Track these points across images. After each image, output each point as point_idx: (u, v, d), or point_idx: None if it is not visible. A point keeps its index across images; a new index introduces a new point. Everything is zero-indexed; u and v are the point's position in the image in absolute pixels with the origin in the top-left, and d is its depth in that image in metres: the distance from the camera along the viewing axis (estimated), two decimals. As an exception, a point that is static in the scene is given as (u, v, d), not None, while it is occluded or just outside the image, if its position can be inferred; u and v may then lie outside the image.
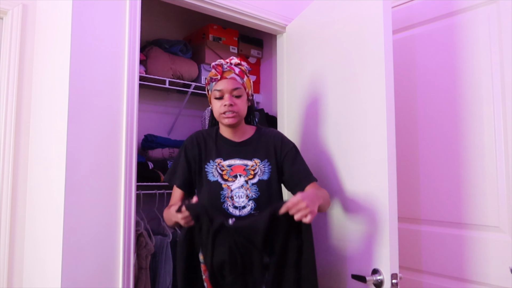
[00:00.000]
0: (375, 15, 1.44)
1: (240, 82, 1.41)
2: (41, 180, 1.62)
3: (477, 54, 1.64)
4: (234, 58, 1.46)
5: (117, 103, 1.56)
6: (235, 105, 1.39)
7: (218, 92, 1.40)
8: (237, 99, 1.41)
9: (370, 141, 1.43)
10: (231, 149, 1.46)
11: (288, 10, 2.15)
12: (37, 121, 1.69)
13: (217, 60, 1.46)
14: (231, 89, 1.40)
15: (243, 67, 1.45)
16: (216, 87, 1.41)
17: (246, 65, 1.47)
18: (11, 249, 1.66)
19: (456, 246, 1.66)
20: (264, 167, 1.44)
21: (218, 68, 1.41)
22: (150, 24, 2.42)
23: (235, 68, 1.43)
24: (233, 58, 1.46)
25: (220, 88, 1.40)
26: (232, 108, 1.39)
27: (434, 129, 1.77)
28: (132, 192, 1.55)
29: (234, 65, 1.43)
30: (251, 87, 1.49)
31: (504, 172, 1.54)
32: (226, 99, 1.39)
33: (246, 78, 1.45)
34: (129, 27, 1.59)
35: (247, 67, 1.48)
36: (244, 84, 1.43)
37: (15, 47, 1.71)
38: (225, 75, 1.41)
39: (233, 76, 1.40)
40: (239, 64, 1.44)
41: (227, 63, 1.43)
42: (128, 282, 1.51)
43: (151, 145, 2.29)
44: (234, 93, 1.40)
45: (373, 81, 1.43)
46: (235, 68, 1.43)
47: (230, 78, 1.40)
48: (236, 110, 1.39)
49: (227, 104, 1.38)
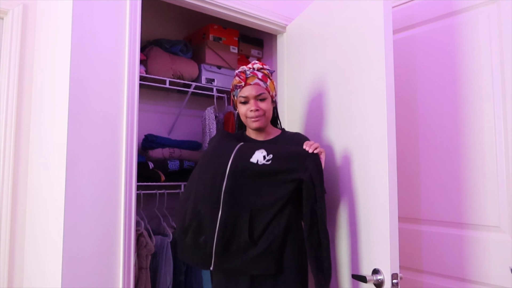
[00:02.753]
0: (375, 15, 1.44)
1: (264, 86, 1.47)
2: (41, 180, 1.62)
3: (477, 54, 1.64)
4: (256, 63, 1.50)
5: (117, 103, 1.56)
6: (261, 109, 1.47)
7: (244, 98, 1.48)
8: (261, 103, 1.47)
9: (371, 141, 1.43)
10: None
11: (288, 10, 2.15)
12: (38, 121, 1.69)
13: (240, 67, 1.51)
14: (255, 94, 1.46)
15: (265, 70, 1.50)
16: (242, 94, 1.48)
17: (268, 68, 1.52)
18: (12, 249, 1.66)
19: (456, 246, 1.66)
20: None
21: (242, 75, 1.47)
22: (150, 24, 2.42)
23: (258, 73, 1.48)
24: (256, 63, 1.50)
25: (245, 94, 1.47)
26: (257, 112, 1.47)
27: (435, 129, 1.77)
28: (132, 192, 1.55)
29: (256, 70, 1.48)
30: (275, 89, 1.54)
31: (504, 172, 1.54)
32: (252, 104, 1.47)
33: (269, 81, 1.50)
34: (129, 27, 1.59)
35: (270, 70, 1.52)
36: (268, 88, 1.48)
37: (15, 47, 1.71)
38: (249, 81, 1.47)
39: (256, 82, 1.46)
40: (261, 69, 1.50)
41: (250, 69, 1.48)
42: (128, 282, 1.51)
43: (152, 145, 2.29)
44: (259, 97, 1.47)
45: (374, 81, 1.43)
46: (257, 73, 1.48)
47: (254, 84, 1.46)
48: (262, 113, 1.47)
49: (253, 109, 1.46)
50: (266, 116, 1.49)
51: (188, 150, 2.38)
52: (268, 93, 1.49)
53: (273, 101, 1.54)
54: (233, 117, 2.32)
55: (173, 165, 2.24)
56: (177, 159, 2.28)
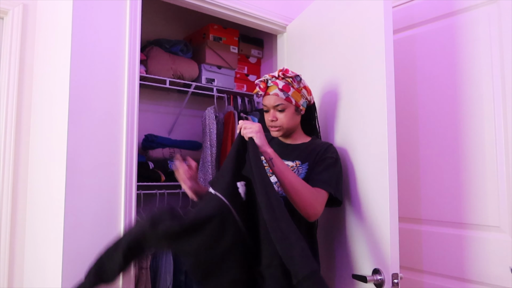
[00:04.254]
0: (375, 15, 1.44)
1: (283, 97, 1.43)
2: (41, 180, 1.62)
3: (477, 53, 1.64)
4: (281, 71, 1.44)
5: (118, 103, 1.56)
6: (278, 119, 1.46)
7: (265, 107, 1.48)
8: (280, 114, 1.45)
9: (371, 141, 1.43)
10: (280, 150, 1.49)
11: (288, 10, 2.15)
12: (38, 121, 1.69)
13: (263, 76, 1.48)
14: (273, 105, 1.45)
15: (289, 78, 1.44)
16: (263, 102, 1.49)
17: (293, 75, 1.45)
18: (12, 249, 1.66)
19: (456, 246, 1.66)
20: (302, 168, 1.45)
21: (262, 85, 1.46)
22: (150, 24, 2.42)
23: (279, 82, 1.43)
24: (281, 71, 1.44)
25: (265, 104, 1.48)
26: (275, 123, 1.46)
27: (435, 129, 1.77)
28: (132, 192, 1.55)
29: (279, 79, 1.44)
30: (303, 96, 1.47)
31: (504, 171, 1.54)
32: (270, 114, 1.47)
33: (293, 90, 1.44)
34: (129, 27, 1.59)
35: (296, 76, 1.45)
36: (290, 98, 1.43)
37: (15, 47, 1.71)
38: (269, 91, 1.45)
39: (275, 92, 1.43)
40: (285, 77, 1.44)
41: (272, 78, 1.45)
42: (129, 282, 1.51)
43: (152, 145, 2.29)
44: (277, 108, 1.45)
45: (374, 81, 1.43)
46: (279, 82, 1.43)
47: (273, 94, 1.44)
48: (280, 124, 1.46)
49: (270, 119, 1.47)
50: (285, 127, 1.47)
51: (188, 150, 2.38)
52: (290, 102, 1.44)
53: (299, 110, 1.48)
54: (233, 117, 2.32)
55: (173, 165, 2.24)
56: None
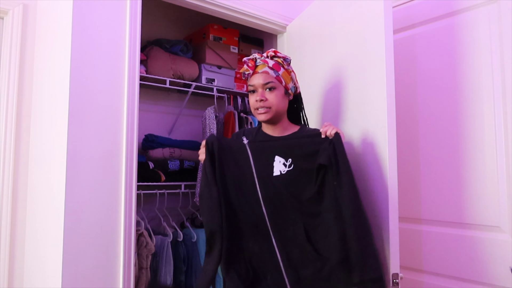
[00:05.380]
0: (376, 15, 1.43)
1: (274, 75, 1.35)
2: (41, 180, 1.62)
3: (477, 53, 1.64)
4: (270, 51, 1.39)
5: (118, 103, 1.56)
6: (267, 100, 1.34)
7: (251, 87, 1.37)
8: (270, 94, 1.35)
9: (371, 141, 1.43)
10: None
11: (288, 10, 2.15)
12: (38, 121, 1.69)
13: (252, 54, 1.41)
14: (262, 83, 1.35)
15: (279, 58, 1.37)
16: (249, 82, 1.38)
17: (284, 56, 1.39)
18: (12, 249, 1.66)
19: (456, 246, 1.66)
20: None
21: (250, 63, 1.37)
22: (150, 24, 2.42)
23: (269, 61, 1.36)
24: (269, 51, 1.39)
25: (253, 83, 1.37)
26: (264, 103, 1.34)
27: (435, 129, 1.77)
28: (132, 192, 1.55)
29: (269, 57, 1.37)
30: (293, 80, 1.40)
31: (504, 171, 1.54)
32: (258, 94, 1.35)
33: (283, 70, 1.37)
34: (129, 27, 1.59)
35: (286, 58, 1.39)
36: (280, 77, 1.35)
37: (15, 47, 1.71)
38: (258, 69, 1.36)
39: (265, 70, 1.35)
40: (274, 56, 1.38)
41: (261, 57, 1.38)
42: (129, 282, 1.51)
43: (152, 145, 2.29)
44: (266, 86, 1.35)
45: (374, 81, 1.43)
46: (269, 61, 1.36)
47: (262, 72, 1.35)
48: (268, 105, 1.34)
49: (258, 99, 1.34)
50: (275, 108, 1.35)
51: (188, 150, 2.38)
52: (280, 82, 1.35)
53: (288, 93, 1.39)
54: (233, 117, 2.32)
55: (173, 165, 2.24)
56: (177, 159, 2.28)
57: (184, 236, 2.11)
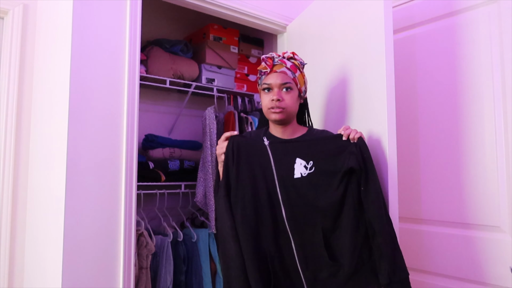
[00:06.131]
0: (376, 15, 1.44)
1: (291, 76, 1.34)
2: (41, 180, 1.62)
3: (477, 53, 1.64)
4: (287, 52, 1.38)
5: (118, 103, 1.56)
6: (283, 100, 1.33)
7: (267, 85, 1.35)
8: (286, 94, 1.33)
9: (371, 141, 1.43)
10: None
11: (288, 10, 2.15)
12: (38, 121, 1.69)
13: (269, 53, 1.40)
14: (280, 83, 1.33)
15: (296, 61, 1.37)
16: (265, 81, 1.36)
17: (300, 59, 1.40)
18: (12, 249, 1.66)
19: (457, 246, 1.66)
20: None
21: (269, 61, 1.35)
22: (150, 24, 2.42)
23: (287, 62, 1.36)
24: (287, 52, 1.38)
25: (269, 82, 1.34)
26: (280, 103, 1.33)
27: (435, 129, 1.77)
28: (132, 192, 1.55)
29: (286, 58, 1.37)
30: (305, 84, 1.41)
31: (504, 171, 1.54)
32: (274, 93, 1.33)
33: (299, 73, 1.37)
34: (129, 27, 1.59)
35: (302, 62, 1.40)
36: (296, 79, 1.35)
37: (15, 47, 1.71)
38: (275, 69, 1.34)
39: (283, 70, 1.34)
40: (292, 58, 1.37)
41: (279, 56, 1.37)
42: (129, 282, 1.51)
43: (152, 145, 2.29)
44: (284, 87, 1.33)
45: (374, 81, 1.43)
46: (287, 62, 1.35)
47: (280, 72, 1.34)
48: (284, 105, 1.33)
49: (275, 99, 1.32)
50: (289, 110, 1.34)
51: (188, 150, 2.38)
52: (296, 84, 1.35)
53: (301, 96, 1.40)
54: (233, 117, 2.32)
55: (174, 165, 2.24)
56: (178, 159, 2.28)
57: (184, 236, 2.11)
